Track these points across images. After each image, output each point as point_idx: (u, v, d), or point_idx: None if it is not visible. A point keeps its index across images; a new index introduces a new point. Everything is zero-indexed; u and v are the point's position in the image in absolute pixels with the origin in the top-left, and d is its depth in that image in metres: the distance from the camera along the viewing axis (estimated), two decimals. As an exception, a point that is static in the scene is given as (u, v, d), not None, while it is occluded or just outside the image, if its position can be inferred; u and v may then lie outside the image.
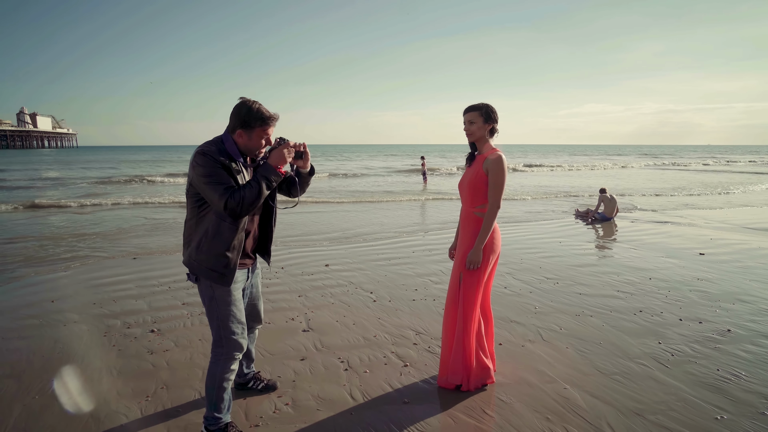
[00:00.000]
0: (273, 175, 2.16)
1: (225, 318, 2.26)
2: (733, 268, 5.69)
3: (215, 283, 2.22)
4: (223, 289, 2.24)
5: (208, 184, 2.06)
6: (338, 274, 5.54)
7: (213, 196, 2.05)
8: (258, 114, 2.13)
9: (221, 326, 2.27)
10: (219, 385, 2.30)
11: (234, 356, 2.31)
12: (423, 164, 19.98)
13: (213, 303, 2.25)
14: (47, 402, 2.78)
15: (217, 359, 2.30)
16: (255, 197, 2.09)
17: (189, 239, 2.22)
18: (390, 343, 3.60)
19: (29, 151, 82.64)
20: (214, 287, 2.23)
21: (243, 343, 2.34)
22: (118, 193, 16.11)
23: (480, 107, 2.78)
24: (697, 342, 3.55)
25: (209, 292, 2.24)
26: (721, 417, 2.57)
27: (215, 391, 2.30)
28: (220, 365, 2.29)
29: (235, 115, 2.16)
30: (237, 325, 2.30)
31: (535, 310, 4.28)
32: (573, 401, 2.74)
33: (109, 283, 5.20)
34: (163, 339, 3.69)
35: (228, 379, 2.32)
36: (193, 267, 2.21)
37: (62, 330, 3.88)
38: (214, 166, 2.07)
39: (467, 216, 2.84)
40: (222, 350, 2.30)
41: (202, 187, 2.08)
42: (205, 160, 2.07)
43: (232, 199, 2.04)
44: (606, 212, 9.45)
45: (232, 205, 2.04)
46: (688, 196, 14.65)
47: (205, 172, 2.06)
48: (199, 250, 2.17)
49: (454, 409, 2.68)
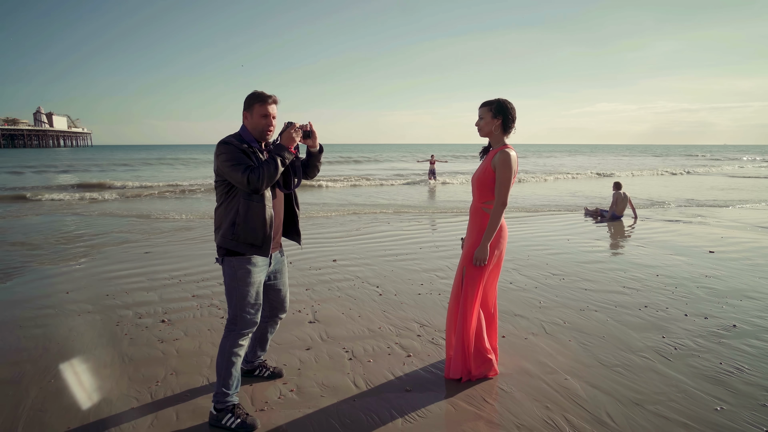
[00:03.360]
0: (286, 152, 2.44)
1: (242, 297, 2.46)
2: (743, 265, 5.64)
3: (253, 256, 2.45)
4: (246, 271, 2.44)
5: (231, 166, 2.33)
6: (345, 268, 5.62)
7: (236, 175, 2.32)
8: (255, 94, 2.46)
9: (237, 304, 2.47)
10: (228, 359, 2.46)
11: (245, 333, 2.50)
12: (432, 161, 19.91)
13: (234, 282, 2.45)
14: (62, 385, 2.89)
15: (229, 334, 2.49)
16: (273, 171, 2.36)
17: (220, 223, 2.45)
18: (394, 335, 3.66)
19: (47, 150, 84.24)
20: (237, 268, 2.43)
21: (255, 322, 2.53)
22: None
23: (491, 102, 2.78)
24: (702, 336, 3.55)
25: (232, 272, 2.44)
26: (721, 408, 2.58)
27: (224, 365, 2.46)
28: (230, 340, 2.48)
29: (243, 104, 2.50)
30: (252, 306, 2.50)
31: (540, 305, 4.30)
32: (573, 391, 2.77)
33: (121, 276, 5.33)
34: (174, 329, 3.79)
35: (237, 354, 2.49)
36: (229, 244, 2.40)
37: (76, 319, 4.01)
38: (234, 151, 2.36)
39: (476, 211, 2.87)
40: (235, 327, 2.49)
41: (227, 171, 2.34)
42: (227, 147, 2.37)
43: (253, 174, 2.31)
44: (617, 211, 9.39)
45: (254, 179, 2.31)
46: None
47: (227, 157, 2.35)
48: (234, 228, 2.39)
49: (455, 397, 2.73)
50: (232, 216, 2.40)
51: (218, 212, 2.48)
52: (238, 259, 2.44)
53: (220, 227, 2.45)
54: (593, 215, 9.91)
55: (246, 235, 2.40)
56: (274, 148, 2.44)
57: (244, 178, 2.30)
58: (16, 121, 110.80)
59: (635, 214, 9.51)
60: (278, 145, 2.46)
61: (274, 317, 2.84)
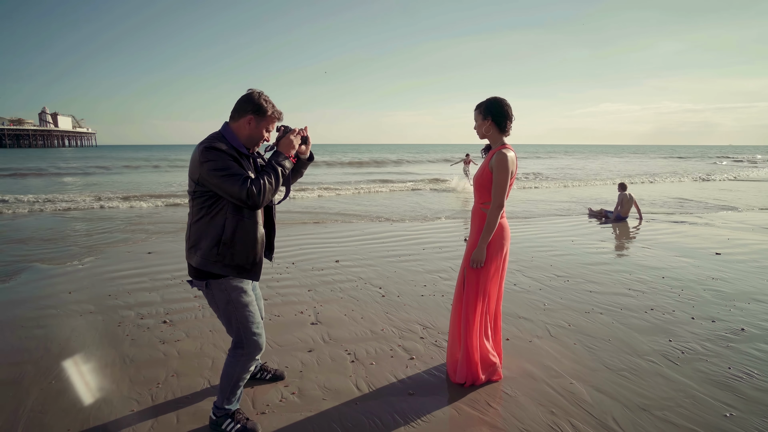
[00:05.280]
0: (286, 161, 2.20)
1: (244, 319, 2.25)
2: (750, 267, 5.57)
3: (243, 278, 2.19)
4: (239, 291, 2.21)
5: (224, 177, 2.02)
6: (348, 269, 5.58)
7: (232, 188, 2.02)
8: (264, 106, 2.17)
9: (242, 328, 2.25)
10: (235, 383, 2.33)
11: (254, 357, 2.32)
12: (467, 161, 17.16)
13: (230, 306, 2.21)
14: (63, 386, 2.87)
15: (237, 360, 2.29)
16: (275, 184, 2.11)
17: (197, 241, 2.13)
18: (397, 337, 3.62)
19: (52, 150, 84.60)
20: (230, 290, 2.18)
21: (263, 342, 2.34)
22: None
23: (479, 104, 2.76)
24: (709, 340, 3.50)
25: (224, 296, 2.20)
26: (730, 414, 2.53)
27: (230, 387, 2.34)
28: (240, 366, 2.30)
29: (246, 102, 2.17)
30: (257, 325, 2.30)
31: (544, 307, 4.26)
32: (578, 396, 2.73)
33: (123, 276, 5.32)
34: (175, 330, 3.77)
35: (244, 378, 2.36)
36: (212, 267, 2.12)
37: (78, 320, 3.99)
38: (225, 159, 2.05)
39: (476, 212, 2.84)
40: (243, 351, 2.28)
41: (217, 182, 2.03)
42: (216, 153, 2.05)
43: (254, 187, 2.03)
44: (622, 212, 9.32)
45: (254, 193, 2.03)
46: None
47: (217, 165, 2.03)
48: (219, 249, 2.11)
49: (459, 401, 2.70)
50: (215, 234, 2.10)
51: (195, 227, 2.14)
52: (227, 280, 2.18)
53: (198, 245, 2.12)
54: (598, 216, 9.83)
55: (233, 257, 2.12)
56: (273, 156, 2.19)
57: (243, 192, 2.00)
58: (22, 121, 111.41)
59: (640, 216, 9.43)
60: (277, 153, 2.20)
61: None
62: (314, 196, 14.43)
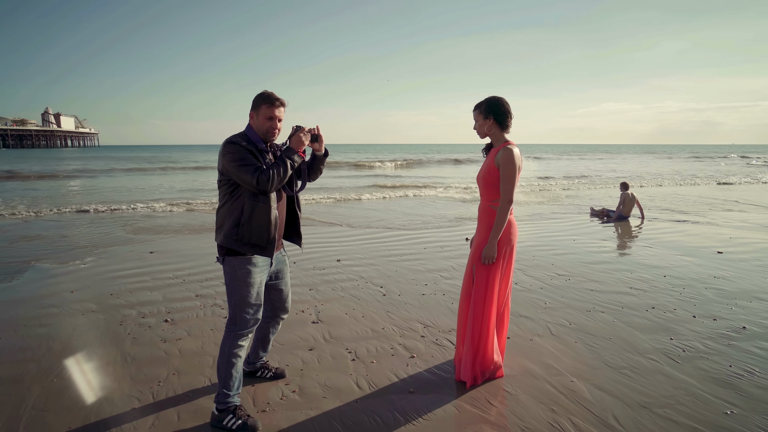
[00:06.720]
0: (295, 156, 2.45)
1: (242, 297, 2.45)
2: (752, 266, 5.56)
3: (254, 256, 2.44)
4: (247, 271, 2.43)
5: (239, 166, 2.31)
6: (349, 269, 5.59)
7: (245, 176, 2.31)
8: (263, 95, 2.44)
9: (237, 304, 2.46)
10: (228, 359, 2.45)
11: (244, 333, 2.49)
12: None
13: (234, 282, 2.44)
14: (65, 384, 2.88)
15: (229, 335, 2.48)
16: (282, 173, 2.38)
17: (222, 223, 2.44)
18: (398, 335, 3.62)
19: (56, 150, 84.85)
20: (238, 268, 2.43)
21: (252, 322, 2.51)
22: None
23: (479, 104, 2.79)
24: (710, 338, 3.49)
25: (233, 272, 2.44)
26: (731, 412, 2.53)
27: (225, 366, 2.45)
28: (230, 341, 2.47)
29: (252, 102, 2.48)
30: (252, 306, 2.49)
31: (545, 306, 4.26)
32: (579, 393, 2.73)
33: (125, 276, 5.33)
34: (176, 328, 3.78)
35: (237, 354, 2.47)
36: (231, 244, 2.39)
37: (80, 318, 4.01)
38: (242, 151, 2.34)
39: (484, 209, 2.84)
40: (234, 327, 2.48)
41: (234, 171, 2.32)
42: (234, 147, 2.35)
43: (263, 175, 2.31)
44: (624, 211, 9.30)
45: (263, 180, 2.30)
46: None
47: (234, 157, 2.33)
48: (238, 229, 2.38)
49: (460, 399, 2.70)
50: (235, 216, 2.39)
51: (221, 212, 2.46)
52: (238, 258, 2.43)
53: (222, 227, 2.43)
54: (599, 215, 9.82)
55: (250, 236, 2.39)
56: (284, 151, 2.45)
57: (254, 179, 2.30)
58: (25, 122, 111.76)
59: (642, 215, 9.41)
60: (288, 148, 2.47)
61: (276, 317, 2.82)
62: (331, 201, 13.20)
